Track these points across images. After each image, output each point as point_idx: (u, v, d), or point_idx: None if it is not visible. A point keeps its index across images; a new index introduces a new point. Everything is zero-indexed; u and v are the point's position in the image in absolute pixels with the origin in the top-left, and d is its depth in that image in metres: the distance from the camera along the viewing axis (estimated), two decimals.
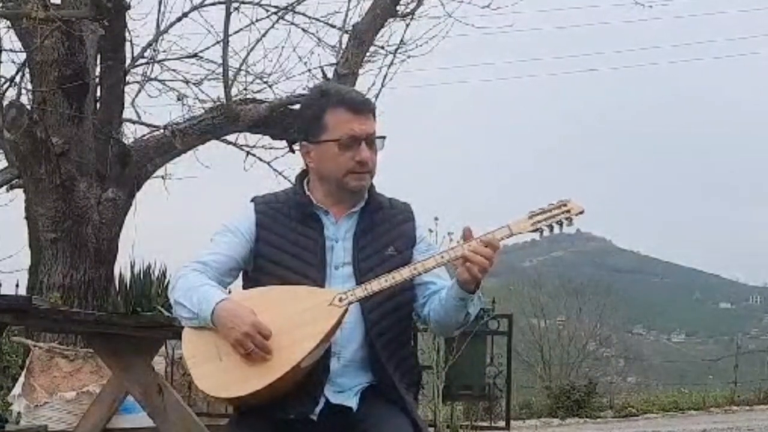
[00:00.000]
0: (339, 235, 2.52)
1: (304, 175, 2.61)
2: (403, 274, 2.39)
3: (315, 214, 2.53)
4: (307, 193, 2.56)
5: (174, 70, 8.58)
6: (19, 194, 7.93)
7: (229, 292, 2.53)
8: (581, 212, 2.46)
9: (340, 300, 2.36)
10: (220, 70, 7.49)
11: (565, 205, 2.46)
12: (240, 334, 2.30)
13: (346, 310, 2.36)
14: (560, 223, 2.45)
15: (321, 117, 2.50)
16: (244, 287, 2.56)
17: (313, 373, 2.37)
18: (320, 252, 2.48)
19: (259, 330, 2.31)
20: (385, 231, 2.55)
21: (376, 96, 7.52)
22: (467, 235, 2.38)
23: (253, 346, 2.30)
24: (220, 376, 2.34)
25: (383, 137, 2.54)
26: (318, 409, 2.41)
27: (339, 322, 2.36)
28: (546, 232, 2.46)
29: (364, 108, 2.51)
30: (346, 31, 7.83)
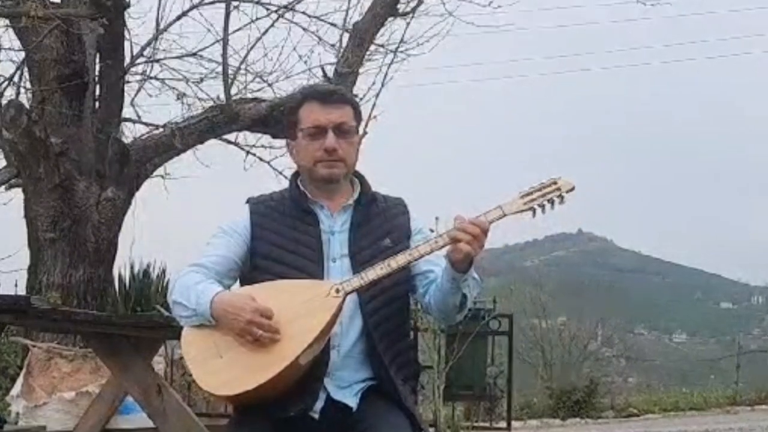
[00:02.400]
0: (335, 228, 2.54)
1: (297, 173, 2.64)
2: (399, 260, 2.39)
3: (310, 209, 2.55)
4: (302, 188, 2.58)
5: (173, 69, 8.57)
6: (18, 194, 7.89)
7: None
8: (572, 189, 2.45)
9: (337, 291, 2.36)
10: (220, 68, 7.47)
11: (555, 183, 2.45)
12: (244, 323, 2.31)
13: (343, 301, 2.36)
14: (552, 201, 2.44)
15: (296, 113, 2.57)
16: (242, 286, 2.54)
17: (313, 367, 2.37)
18: (317, 245, 2.50)
19: (261, 313, 2.31)
20: (381, 223, 2.57)
21: (377, 95, 7.51)
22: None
23: (260, 332, 2.30)
24: (221, 375, 2.33)
25: (354, 126, 2.56)
26: (319, 406, 2.40)
27: (337, 313, 2.36)
28: (539, 212, 2.44)
29: (331, 98, 2.56)
30: (347, 30, 7.82)
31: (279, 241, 2.51)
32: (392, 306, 2.50)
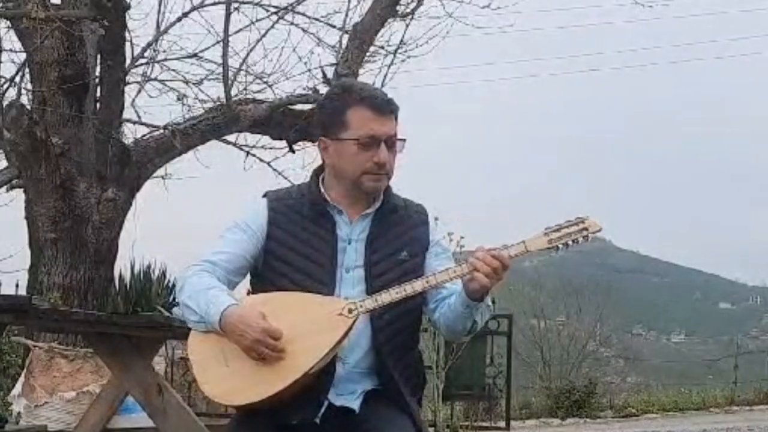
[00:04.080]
0: (352, 237, 2.48)
1: (319, 171, 2.55)
2: (415, 287, 2.35)
3: (329, 213, 2.48)
4: (322, 190, 2.50)
5: (174, 70, 8.59)
6: (19, 194, 7.92)
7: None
8: (599, 230, 2.42)
9: (350, 311, 2.33)
10: (220, 70, 7.49)
11: (582, 222, 2.41)
12: (250, 341, 2.28)
13: (354, 322, 2.33)
14: (576, 241, 2.40)
15: (343, 113, 2.45)
16: (252, 285, 2.53)
17: (318, 378, 2.35)
18: (331, 253, 2.44)
19: (269, 334, 2.28)
20: (399, 234, 2.51)
21: None
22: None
23: (266, 350, 2.28)
24: (226, 383, 2.33)
25: (403, 140, 2.49)
26: (320, 412, 2.39)
27: (347, 333, 2.33)
28: (561, 249, 2.41)
29: (386, 108, 2.46)
30: (346, 31, 7.84)
31: (293, 243, 2.45)
32: (402, 321, 2.45)
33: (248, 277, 2.55)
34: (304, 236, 2.46)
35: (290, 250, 2.45)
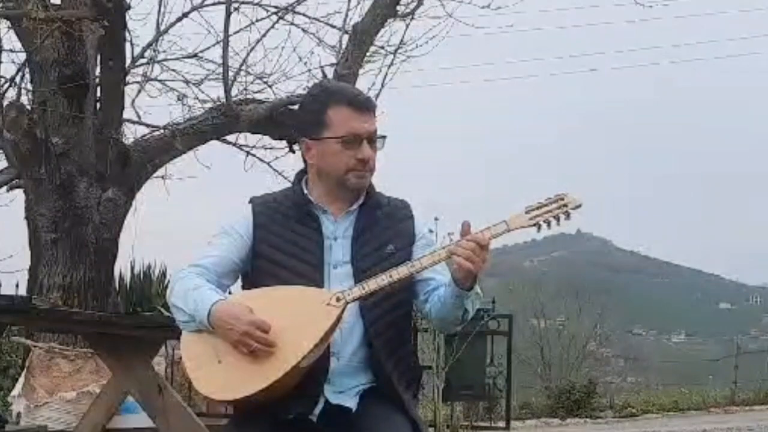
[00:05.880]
0: (338, 234, 2.51)
1: (302, 174, 2.60)
2: (401, 272, 2.38)
3: (313, 213, 2.52)
4: (305, 191, 2.55)
5: (174, 71, 8.58)
6: (19, 194, 7.92)
7: (230, 293, 2.53)
8: (579, 206, 2.43)
9: (338, 300, 2.35)
10: (220, 70, 7.49)
11: (562, 199, 2.43)
12: (239, 334, 2.31)
13: (343, 310, 2.36)
14: (557, 218, 2.42)
15: (323, 114, 2.50)
16: (243, 288, 2.55)
17: (313, 373, 2.37)
18: (318, 251, 2.48)
19: (257, 326, 2.31)
20: (384, 229, 2.54)
21: (376, 96, 7.52)
22: (466, 230, 2.37)
23: (255, 344, 2.30)
24: (219, 379, 2.34)
25: (384, 137, 2.54)
26: (318, 410, 2.41)
27: (337, 322, 2.36)
28: (544, 227, 2.43)
29: (366, 106, 2.52)
30: (346, 31, 7.83)
31: (280, 244, 2.49)
32: (395, 313, 2.49)
33: (239, 282, 2.58)
34: (290, 237, 2.50)
35: (278, 251, 2.49)
